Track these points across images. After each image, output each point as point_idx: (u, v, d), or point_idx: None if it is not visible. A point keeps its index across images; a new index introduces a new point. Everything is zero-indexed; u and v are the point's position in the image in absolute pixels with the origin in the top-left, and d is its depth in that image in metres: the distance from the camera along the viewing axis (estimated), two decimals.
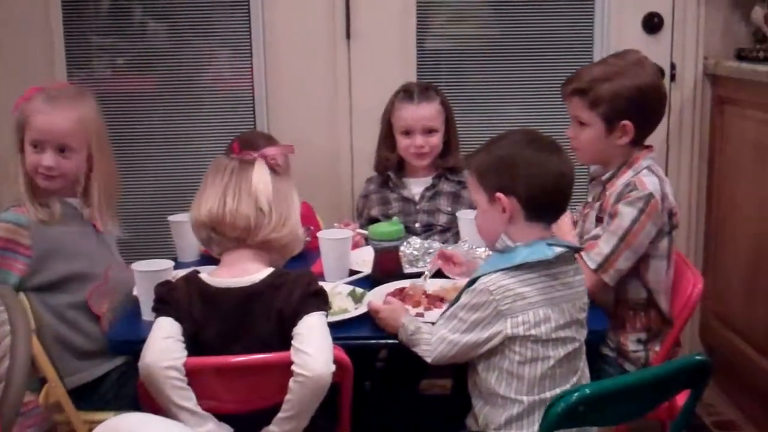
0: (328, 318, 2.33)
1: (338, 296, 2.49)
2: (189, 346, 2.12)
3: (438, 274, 2.69)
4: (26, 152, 2.60)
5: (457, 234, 3.00)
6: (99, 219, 2.67)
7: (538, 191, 2.18)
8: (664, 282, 2.65)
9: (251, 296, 2.14)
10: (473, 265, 2.51)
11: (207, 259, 2.68)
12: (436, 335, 2.21)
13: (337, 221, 3.11)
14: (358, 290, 2.54)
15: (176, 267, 2.50)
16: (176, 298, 2.16)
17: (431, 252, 2.80)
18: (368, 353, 3.00)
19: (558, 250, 2.16)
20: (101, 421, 1.86)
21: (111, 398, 2.59)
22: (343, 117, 3.68)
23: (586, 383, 2.23)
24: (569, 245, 2.24)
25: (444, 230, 3.17)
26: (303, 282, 2.15)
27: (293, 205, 2.29)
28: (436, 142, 3.24)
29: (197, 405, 2.10)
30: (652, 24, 3.69)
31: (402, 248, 2.75)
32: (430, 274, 2.61)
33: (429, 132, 3.23)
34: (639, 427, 2.46)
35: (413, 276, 2.66)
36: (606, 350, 2.63)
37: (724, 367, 3.54)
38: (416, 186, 3.29)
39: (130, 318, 2.49)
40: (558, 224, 2.45)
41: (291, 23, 3.63)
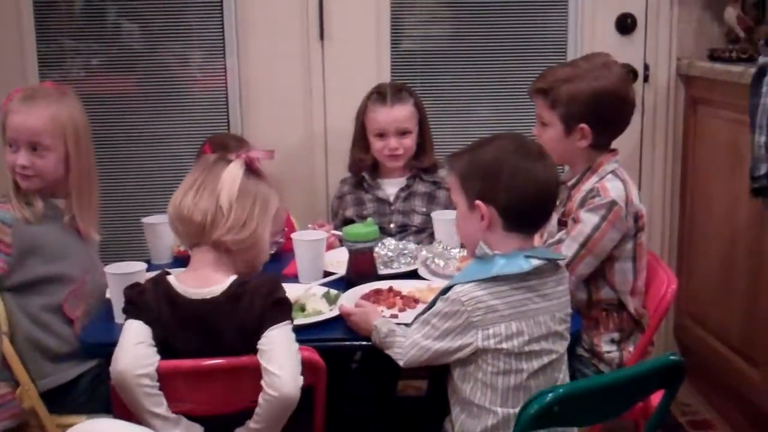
0: (303, 320, 2.33)
1: (313, 298, 2.48)
2: (160, 350, 2.10)
3: (413, 275, 2.70)
4: (5, 152, 2.60)
5: (432, 235, 3.00)
6: (79, 222, 2.66)
7: (518, 202, 2.15)
8: (632, 283, 2.66)
9: (213, 310, 2.10)
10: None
11: (181, 261, 2.67)
12: (410, 339, 2.19)
13: (312, 222, 3.10)
14: (333, 292, 2.54)
15: (150, 269, 2.47)
16: (145, 302, 2.13)
17: (406, 253, 2.80)
18: (343, 355, 3.00)
19: (535, 263, 2.13)
20: (74, 425, 1.84)
21: (84, 401, 2.58)
22: (318, 118, 3.67)
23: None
24: (549, 257, 2.21)
25: (419, 231, 3.17)
26: (263, 292, 2.10)
27: (262, 212, 2.20)
28: (410, 144, 3.24)
29: (168, 410, 2.09)
30: (626, 25, 3.70)
31: (377, 249, 2.74)
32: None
33: (402, 134, 3.22)
34: (613, 427, 2.46)
35: (388, 277, 2.66)
36: (580, 351, 2.64)
37: (699, 367, 3.55)
38: (391, 187, 3.29)
39: (103, 320, 2.47)
40: None
41: (264, 24, 3.62)
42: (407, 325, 2.26)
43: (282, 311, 2.11)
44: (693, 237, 3.72)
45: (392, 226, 3.19)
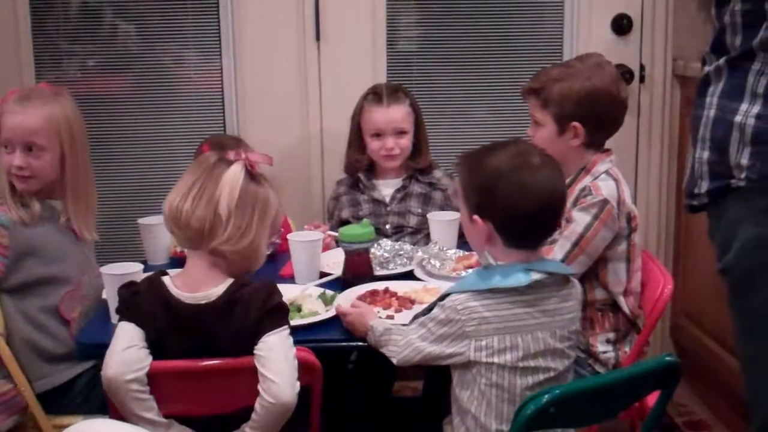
0: (300, 321, 2.33)
1: (309, 299, 2.48)
2: (153, 352, 2.10)
3: (409, 276, 2.70)
4: (1, 153, 2.60)
5: (428, 236, 3.00)
6: (75, 223, 2.66)
7: (515, 221, 2.12)
8: (626, 284, 2.66)
9: (208, 315, 2.09)
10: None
11: (178, 262, 2.66)
12: (406, 338, 2.19)
13: (308, 223, 3.10)
14: (329, 293, 2.54)
15: (146, 270, 2.46)
16: (138, 304, 2.13)
17: (402, 254, 2.80)
18: (339, 356, 3.00)
19: (535, 276, 2.10)
20: (70, 425, 1.85)
21: (80, 402, 2.58)
22: (314, 119, 3.67)
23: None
24: (552, 270, 2.16)
25: (414, 232, 3.17)
26: (260, 298, 2.09)
27: (260, 220, 2.16)
28: (406, 144, 3.24)
29: (158, 414, 2.09)
30: (622, 25, 3.70)
31: (373, 250, 2.75)
32: None
33: (399, 134, 3.22)
34: (610, 428, 2.47)
35: (384, 278, 2.66)
36: (576, 351, 2.64)
37: (695, 367, 3.56)
38: (386, 188, 3.29)
39: (99, 322, 2.47)
40: None
41: (261, 25, 3.62)
42: (404, 325, 2.26)
43: (279, 317, 2.11)
44: (689, 237, 3.72)
45: (388, 227, 3.19)
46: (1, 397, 2.46)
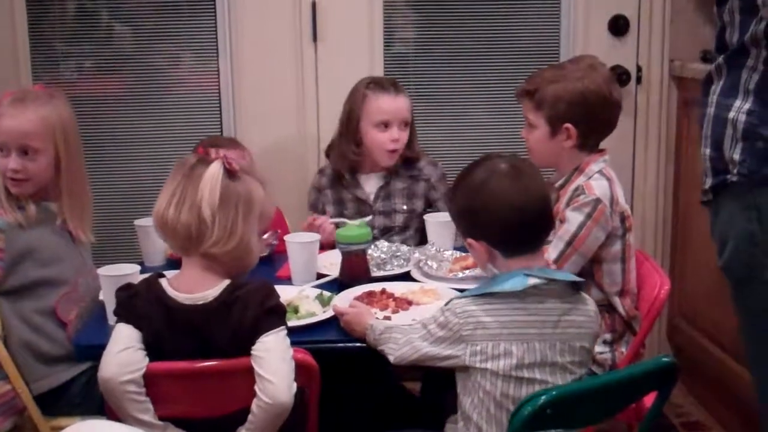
0: (297, 322, 2.33)
1: (306, 300, 2.48)
2: (150, 354, 2.09)
3: (406, 277, 2.70)
4: None
5: (418, 231, 3.00)
6: (71, 225, 2.65)
7: (501, 231, 2.13)
8: (622, 285, 2.67)
9: (205, 316, 2.09)
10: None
11: (174, 264, 2.66)
12: (406, 337, 2.20)
13: (309, 217, 3.10)
14: (326, 294, 2.53)
15: (143, 271, 2.47)
16: (136, 306, 2.13)
17: (399, 255, 2.80)
18: (336, 357, 2.99)
19: (532, 281, 2.08)
20: (67, 427, 1.84)
21: (77, 403, 2.57)
22: (311, 120, 3.67)
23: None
24: (551, 276, 2.13)
25: (402, 229, 3.14)
26: (257, 299, 2.09)
27: (246, 216, 2.15)
28: (406, 138, 3.17)
29: (154, 416, 2.09)
30: (618, 26, 3.71)
31: (370, 251, 2.74)
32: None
33: (404, 126, 3.15)
34: (607, 429, 2.47)
35: (381, 279, 2.66)
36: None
37: (692, 368, 3.56)
38: (368, 184, 3.22)
39: (96, 323, 2.47)
40: None
41: (257, 26, 3.62)
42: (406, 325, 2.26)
43: (276, 318, 2.10)
44: (686, 238, 3.72)
45: (375, 231, 3.08)
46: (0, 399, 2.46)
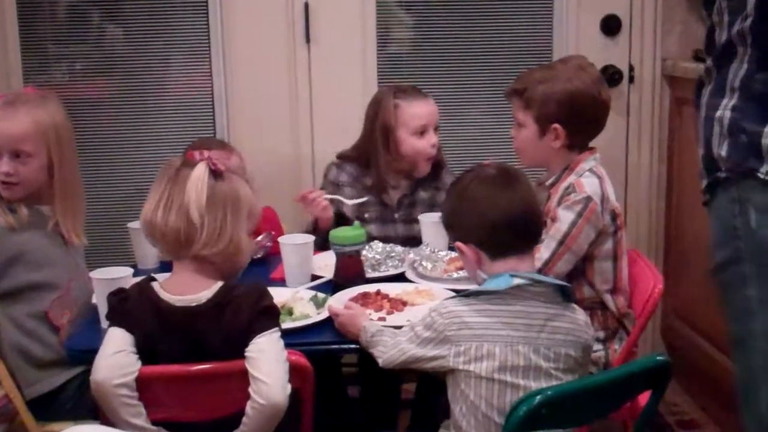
0: (291, 324, 2.32)
1: (300, 301, 2.48)
2: (143, 357, 2.09)
3: (400, 278, 2.70)
4: None
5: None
6: (63, 228, 2.64)
7: (487, 232, 2.15)
8: (614, 282, 2.68)
9: (198, 318, 2.08)
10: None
11: (167, 266, 2.65)
12: (394, 340, 2.20)
13: (300, 228, 3.07)
14: (321, 295, 2.53)
15: (136, 274, 2.46)
16: (128, 309, 2.12)
17: (393, 255, 2.80)
18: (330, 359, 2.99)
19: (517, 281, 2.09)
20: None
21: (70, 408, 2.56)
22: (304, 122, 3.67)
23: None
24: (537, 278, 2.14)
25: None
26: (250, 301, 2.08)
27: (234, 216, 2.14)
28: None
29: (147, 420, 2.08)
30: (610, 26, 3.71)
31: (364, 252, 2.74)
32: None
33: (436, 129, 3.11)
34: (601, 428, 2.46)
35: (375, 280, 2.66)
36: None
37: (687, 366, 3.56)
38: (394, 190, 3.16)
39: (89, 327, 2.46)
40: None
41: (250, 28, 3.62)
42: (397, 328, 2.26)
43: (269, 319, 2.10)
44: (679, 237, 3.72)
45: (397, 239, 3.02)
46: None
